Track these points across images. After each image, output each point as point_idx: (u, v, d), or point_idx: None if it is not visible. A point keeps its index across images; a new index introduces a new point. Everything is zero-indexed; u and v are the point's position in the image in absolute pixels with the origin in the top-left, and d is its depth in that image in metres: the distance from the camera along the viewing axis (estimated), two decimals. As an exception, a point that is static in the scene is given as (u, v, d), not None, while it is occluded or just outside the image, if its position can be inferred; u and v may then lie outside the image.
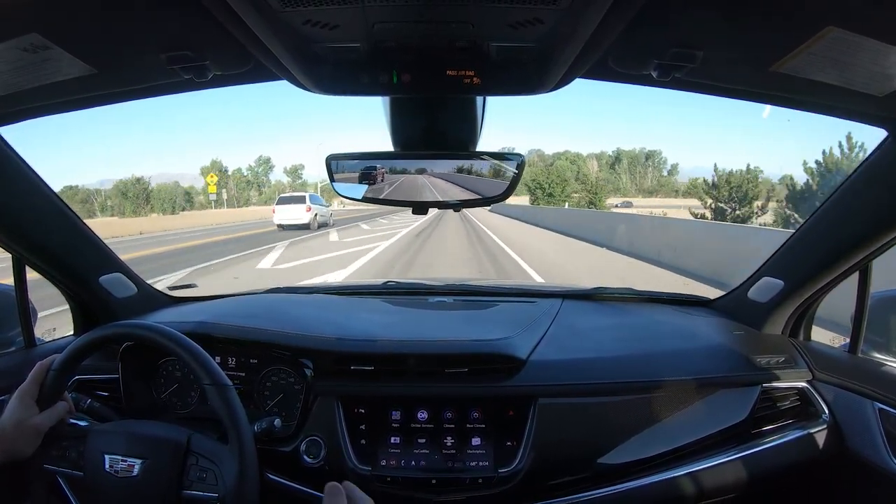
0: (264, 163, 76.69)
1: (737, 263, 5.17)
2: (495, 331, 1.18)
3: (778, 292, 1.22)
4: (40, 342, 1.24)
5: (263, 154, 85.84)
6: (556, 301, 1.42)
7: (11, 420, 0.80)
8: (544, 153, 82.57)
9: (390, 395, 1.07)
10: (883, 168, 0.93)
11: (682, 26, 0.71)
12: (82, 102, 0.90)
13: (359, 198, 0.94)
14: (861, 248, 1.02)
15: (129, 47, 0.76)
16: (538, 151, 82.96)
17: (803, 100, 0.87)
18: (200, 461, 0.81)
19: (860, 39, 0.65)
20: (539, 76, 0.80)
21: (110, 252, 1.28)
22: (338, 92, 0.84)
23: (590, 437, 1.04)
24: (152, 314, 1.36)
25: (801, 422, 1.12)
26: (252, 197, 71.99)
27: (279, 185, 72.94)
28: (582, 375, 1.08)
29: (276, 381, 1.12)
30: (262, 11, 0.61)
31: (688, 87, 0.87)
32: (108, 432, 0.86)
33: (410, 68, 0.79)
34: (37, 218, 1.06)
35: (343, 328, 1.19)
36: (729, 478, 1.05)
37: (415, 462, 1.03)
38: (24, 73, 0.75)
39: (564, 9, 0.60)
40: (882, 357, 1.15)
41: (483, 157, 0.91)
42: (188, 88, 0.91)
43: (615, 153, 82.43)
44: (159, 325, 0.87)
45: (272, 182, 75.79)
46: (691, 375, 1.09)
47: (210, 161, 69.77)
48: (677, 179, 79.83)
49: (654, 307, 1.50)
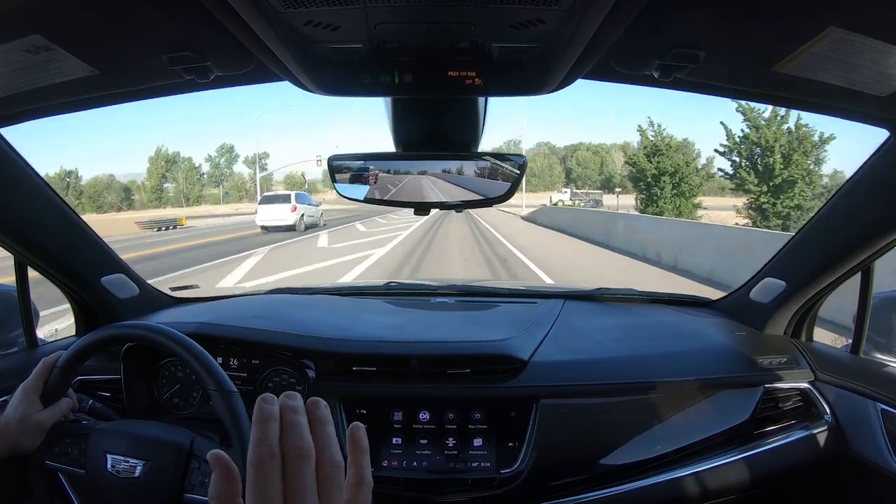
0: (227, 152, 60.17)
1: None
2: (497, 332, 1.18)
3: (780, 293, 1.22)
4: (42, 343, 1.24)
5: (227, 142, 67.33)
6: (558, 302, 1.42)
7: (15, 415, 0.80)
8: (555, 146, 71.37)
9: (392, 396, 1.07)
10: (884, 168, 0.93)
11: (683, 27, 0.71)
12: (84, 103, 0.90)
13: (361, 198, 0.94)
14: (863, 249, 1.02)
15: (131, 48, 0.76)
16: (547, 144, 72.54)
17: (805, 100, 0.87)
18: (203, 465, 0.81)
19: (862, 40, 0.65)
20: (541, 77, 0.80)
21: (112, 252, 1.28)
22: (339, 93, 0.84)
23: (592, 438, 1.04)
24: (154, 315, 1.36)
25: (803, 422, 1.12)
26: (207, 193, 57.74)
27: (239, 178, 60.04)
28: (584, 376, 1.08)
29: (279, 382, 1.12)
30: (263, 12, 0.61)
31: (689, 87, 0.87)
32: (111, 432, 0.86)
33: (412, 69, 0.79)
34: (38, 219, 1.06)
35: (345, 329, 1.19)
36: (731, 478, 1.05)
37: (416, 463, 1.03)
38: (25, 75, 0.75)
39: (566, 9, 0.60)
40: (884, 358, 1.15)
41: (485, 158, 0.91)
42: (190, 89, 0.91)
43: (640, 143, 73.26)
44: (164, 326, 0.87)
45: (235, 175, 61.07)
46: (693, 376, 1.09)
47: (155, 150, 55.69)
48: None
49: (656, 308, 1.50)
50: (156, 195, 52.52)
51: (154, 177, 53.35)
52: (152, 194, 52.51)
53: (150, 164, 53.99)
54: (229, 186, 57.78)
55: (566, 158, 65.78)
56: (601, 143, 67.48)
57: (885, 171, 0.93)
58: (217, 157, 59.28)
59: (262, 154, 58.85)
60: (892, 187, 0.93)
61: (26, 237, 1.06)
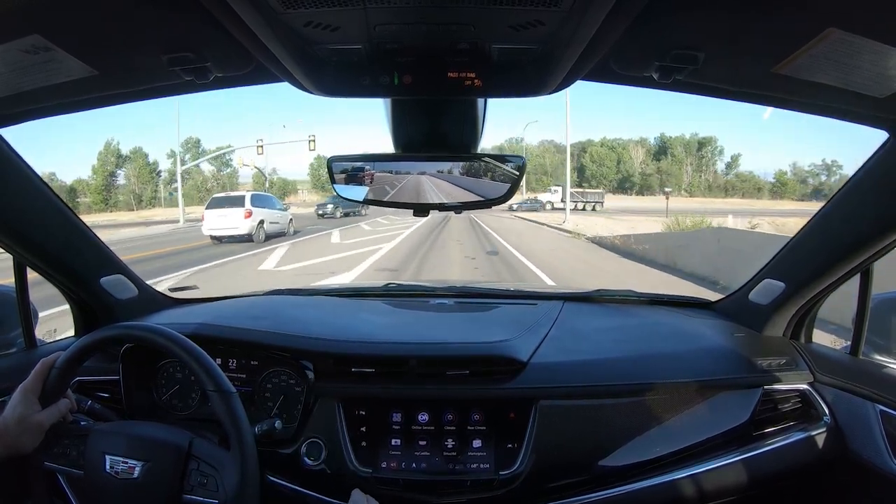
0: (193, 146, 49.60)
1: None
2: (496, 333, 1.18)
3: (779, 294, 1.22)
4: (41, 343, 1.24)
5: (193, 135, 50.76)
6: (557, 303, 1.42)
7: (14, 416, 0.80)
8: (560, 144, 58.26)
9: (391, 397, 1.07)
10: (883, 170, 0.93)
11: (683, 28, 0.71)
12: (83, 104, 0.90)
13: (360, 199, 0.94)
14: (862, 250, 1.02)
15: (131, 49, 0.76)
16: (551, 142, 62.18)
17: (804, 101, 0.87)
18: (202, 466, 0.81)
19: (861, 41, 0.65)
20: (540, 78, 0.80)
21: (111, 253, 1.28)
22: (339, 94, 0.84)
23: (591, 440, 1.04)
24: (153, 315, 1.36)
25: (802, 424, 1.12)
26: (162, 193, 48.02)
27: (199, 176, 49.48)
28: (583, 377, 1.08)
29: (277, 383, 1.12)
30: (263, 13, 0.61)
31: (689, 88, 0.87)
32: (109, 433, 0.86)
33: (411, 70, 0.79)
34: (38, 219, 1.06)
35: (344, 330, 1.19)
36: (730, 480, 1.05)
37: (415, 464, 1.03)
38: (25, 75, 0.76)
39: (566, 11, 0.61)
40: (883, 359, 1.15)
41: (484, 160, 0.91)
42: (189, 90, 0.91)
43: (658, 140, 59.96)
44: (163, 327, 0.88)
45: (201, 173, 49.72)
46: (692, 377, 1.09)
47: (104, 143, 46.01)
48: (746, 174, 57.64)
49: (656, 309, 1.50)
50: (101, 196, 44.71)
51: (101, 175, 45.30)
52: (98, 195, 44.69)
53: (99, 160, 45.90)
54: (189, 186, 46.60)
55: (579, 155, 56.35)
56: (617, 139, 59.73)
57: (885, 173, 0.93)
58: (183, 152, 46.18)
59: (225, 146, 45.32)
60: (892, 188, 0.93)
61: (26, 238, 1.06)
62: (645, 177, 56.36)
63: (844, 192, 1.02)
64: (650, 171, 56.70)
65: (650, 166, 57.31)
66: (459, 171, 0.92)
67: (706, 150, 58.57)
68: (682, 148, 57.96)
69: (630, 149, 58.96)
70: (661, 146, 59.55)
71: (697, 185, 56.41)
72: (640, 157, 58.74)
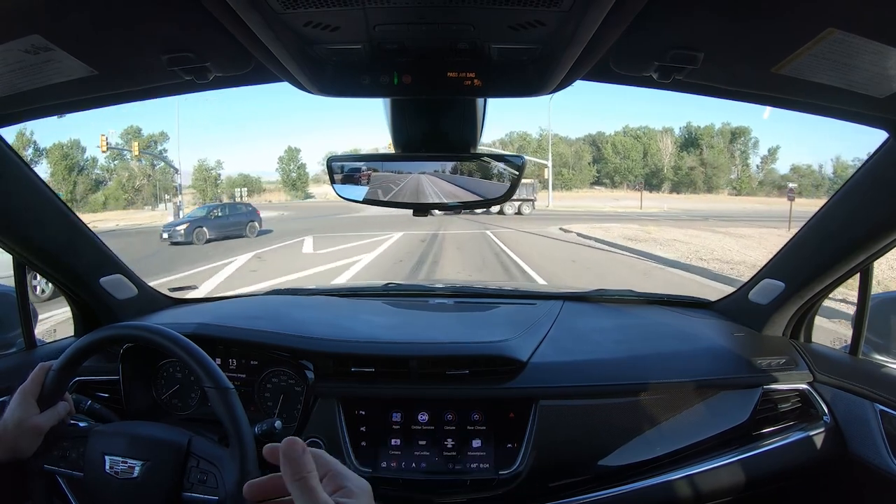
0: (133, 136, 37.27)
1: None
2: (496, 333, 1.18)
3: (779, 294, 1.22)
4: (41, 343, 1.24)
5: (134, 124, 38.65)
6: (557, 303, 1.42)
7: (13, 419, 0.80)
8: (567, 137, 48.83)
9: (391, 397, 1.07)
10: (883, 169, 0.93)
11: (682, 28, 0.72)
12: (83, 104, 0.90)
13: (360, 199, 0.94)
14: (862, 250, 1.02)
15: (130, 49, 0.76)
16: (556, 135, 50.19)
17: (803, 101, 0.87)
18: (201, 464, 0.81)
19: (861, 41, 0.65)
20: (539, 78, 0.80)
21: (111, 253, 1.28)
22: (339, 94, 0.84)
23: (590, 440, 1.04)
24: (153, 315, 1.36)
25: (801, 424, 1.12)
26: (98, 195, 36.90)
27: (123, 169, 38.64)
28: (583, 377, 1.08)
29: (277, 383, 1.12)
30: (263, 13, 0.61)
31: (688, 88, 0.87)
32: (108, 433, 0.86)
33: (411, 70, 0.79)
34: (37, 219, 1.06)
35: (344, 330, 1.19)
36: (730, 480, 1.05)
37: (415, 464, 1.03)
38: (25, 75, 0.76)
39: (565, 11, 0.61)
40: (882, 358, 1.15)
41: (484, 159, 0.91)
42: (189, 90, 0.91)
43: (684, 130, 47.97)
44: (161, 326, 0.87)
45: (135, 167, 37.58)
46: (692, 377, 1.09)
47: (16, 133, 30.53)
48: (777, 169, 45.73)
49: (655, 309, 1.50)
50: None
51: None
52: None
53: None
54: (115, 185, 38.47)
55: (600, 145, 47.11)
56: (643, 126, 47.57)
57: (884, 173, 0.93)
58: (122, 143, 35.32)
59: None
60: (891, 188, 0.93)
61: (26, 238, 1.06)
62: (684, 172, 45.45)
63: (844, 192, 1.02)
64: (692, 163, 45.27)
65: (686, 159, 46.21)
66: (459, 171, 0.92)
67: (739, 143, 47.63)
68: (719, 138, 46.49)
69: (657, 138, 48.03)
70: (687, 137, 48.51)
71: (747, 182, 45.17)
72: (669, 147, 47.45)
